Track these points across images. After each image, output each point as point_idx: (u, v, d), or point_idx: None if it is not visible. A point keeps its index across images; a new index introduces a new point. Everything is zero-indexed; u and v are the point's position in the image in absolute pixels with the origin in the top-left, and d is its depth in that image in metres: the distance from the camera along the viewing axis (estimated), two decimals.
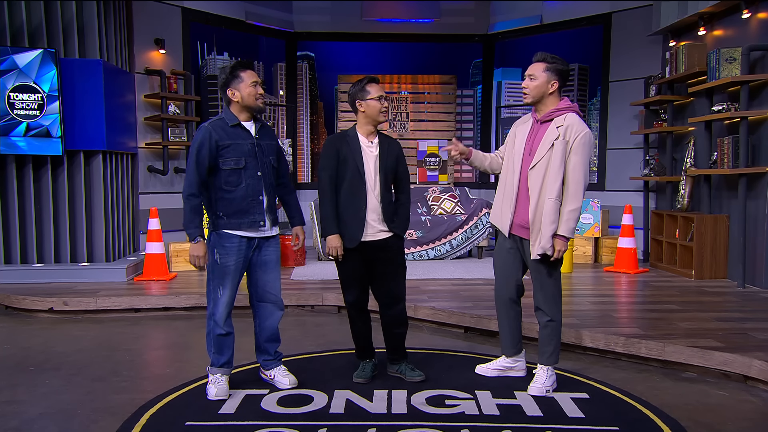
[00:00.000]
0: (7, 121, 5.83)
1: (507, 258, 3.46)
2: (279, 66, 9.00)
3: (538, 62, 3.30)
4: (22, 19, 5.99)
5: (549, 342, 3.40)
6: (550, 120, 3.27)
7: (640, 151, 7.40)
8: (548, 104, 3.28)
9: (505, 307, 3.54)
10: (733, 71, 5.67)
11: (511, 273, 3.47)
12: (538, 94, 3.27)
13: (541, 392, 3.34)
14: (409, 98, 8.96)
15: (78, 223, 6.30)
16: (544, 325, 3.40)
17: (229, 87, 3.27)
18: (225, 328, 3.30)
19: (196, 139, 3.23)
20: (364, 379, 3.52)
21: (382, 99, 3.47)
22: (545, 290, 3.36)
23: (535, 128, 3.33)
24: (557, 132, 3.21)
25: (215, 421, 3.02)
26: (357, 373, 3.56)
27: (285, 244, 7.01)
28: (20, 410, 3.19)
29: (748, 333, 4.11)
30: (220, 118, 3.30)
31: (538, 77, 3.26)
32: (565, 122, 3.22)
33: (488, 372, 3.63)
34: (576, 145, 3.18)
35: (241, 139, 3.26)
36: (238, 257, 3.28)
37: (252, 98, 3.27)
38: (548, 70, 3.25)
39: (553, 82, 3.25)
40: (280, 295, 3.47)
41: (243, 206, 3.26)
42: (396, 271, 3.50)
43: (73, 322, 5.11)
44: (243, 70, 3.27)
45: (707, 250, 6.11)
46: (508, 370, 3.63)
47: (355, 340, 3.63)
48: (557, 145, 3.18)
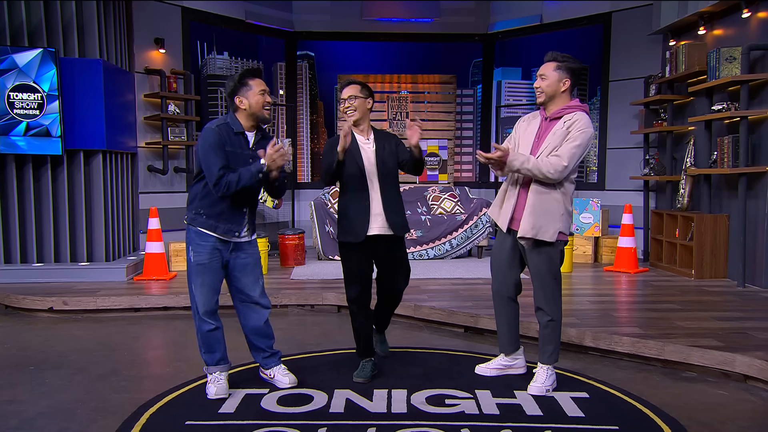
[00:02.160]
0: (7, 120, 5.83)
1: (506, 255, 3.45)
2: (279, 65, 8.99)
3: (548, 62, 3.31)
4: (21, 18, 5.99)
5: (550, 341, 3.39)
6: (558, 117, 3.27)
7: (640, 150, 7.40)
8: (558, 102, 3.28)
9: (503, 305, 3.54)
10: (733, 71, 5.66)
11: (510, 270, 3.47)
12: (551, 93, 3.27)
13: (541, 392, 3.33)
14: (409, 98, 8.95)
15: (78, 222, 6.30)
16: (545, 324, 3.40)
17: (237, 94, 3.24)
18: (211, 323, 3.28)
19: (207, 139, 3.17)
20: (364, 378, 3.53)
21: (343, 101, 3.54)
22: (546, 290, 3.36)
23: (544, 126, 3.33)
24: (564, 126, 3.22)
25: (215, 420, 3.02)
26: (357, 372, 3.57)
27: (285, 244, 7.01)
28: (20, 410, 3.18)
29: (748, 332, 4.11)
30: (225, 122, 3.25)
31: (549, 76, 3.27)
32: (572, 118, 3.22)
33: (488, 372, 3.63)
34: (574, 131, 3.18)
35: (241, 149, 3.25)
36: (212, 255, 3.25)
37: (260, 107, 3.25)
38: (559, 69, 3.26)
39: (565, 80, 3.26)
40: (261, 296, 3.41)
41: (224, 212, 3.24)
42: (400, 264, 3.65)
43: (73, 322, 5.11)
44: (251, 78, 3.25)
45: (707, 250, 6.11)
46: (508, 368, 3.63)
47: (356, 338, 3.64)
48: (558, 133, 3.21)
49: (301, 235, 7.09)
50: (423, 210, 7.87)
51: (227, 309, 3.75)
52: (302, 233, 7.13)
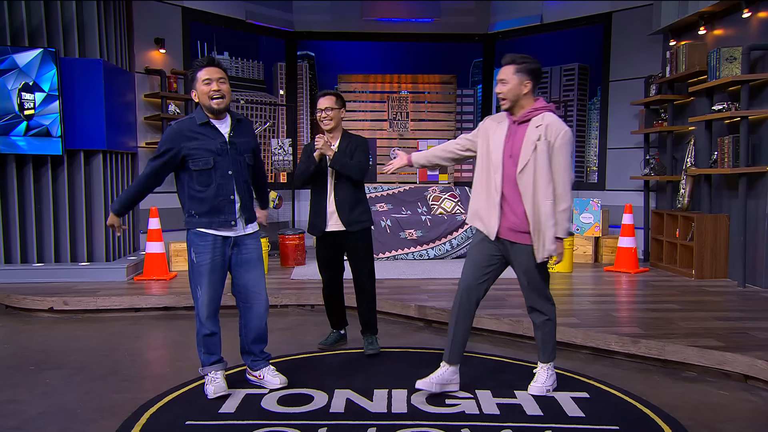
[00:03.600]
0: (8, 120, 5.83)
1: (486, 258, 3.29)
2: (279, 65, 8.99)
3: (507, 65, 3.21)
4: (22, 18, 5.99)
5: (549, 340, 3.38)
6: (527, 120, 3.19)
7: (641, 150, 7.40)
8: (524, 105, 3.20)
9: (468, 308, 3.30)
10: (734, 70, 5.66)
11: (488, 276, 3.31)
12: (514, 97, 3.18)
13: (542, 392, 3.32)
14: (409, 98, 8.96)
15: (78, 222, 6.30)
16: (542, 324, 3.37)
17: (192, 88, 3.28)
18: (210, 327, 3.28)
19: (165, 133, 3.27)
20: (323, 345, 4.19)
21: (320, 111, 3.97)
22: (539, 291, 3.30)
23: (513, 129, 3.23)
24: (537, 132, 3.14)
25: (215, 420, 3.02)
26: (322, 340, 4.24)
27: (285, 244, 7.02)
28: (20, 410, 3.18)
29: (749, 332, 4.10)
30: (190, 117, 3.28)
31: (509, 80, 3.17)
32: (543, 121, 3.15)
33: (432, 387, 3.29)
34: (558, 145, 3.12)
35: (210, 137, 3.23)
36: (214, 255, 3.25)
37: (205, 97, 3.21)
38: (519, 72, 3.17)
39: (526, 83, 3.17)
40: (265, 293, 3.42)
41: (214, 206, 3.23)
42: (360, 259, 4.02)
43: (73, 322, 5.11)
44: (199, 69, 3.23)
45: (707, 250, 6.11)
46: (448, 384, 3.33)
47: (327, 313, 4.28)
48: (540, 146, 3.11)
49: (301, 235, 7.09)
50: (423, 210, 7.87)
51: (227, 309, 3.75)
52: (302, 233, 7.13)
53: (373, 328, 4.11)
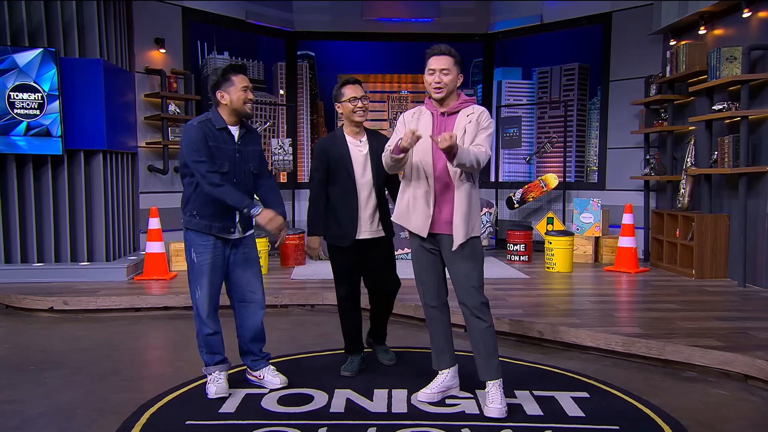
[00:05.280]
0: (7, 120, 5.83)
1: (430, 259, 3.20)
2: (279, 65, 8.99)
3: (445, 55, 3.18)
4: (22, 18, 5.99)
5: (494, 351, 3.09)
6: (456, 112, 3.15)
7: (641, 150, 7.40)
8: (453, 97, 3.18)
9: (442, 313, 3.28)
10: (734, 70, 5.66)
11: (440, 276, 3.24)
12: (452, 88, 3.15)
13: (502, 413, 3.01)
14: (409, 98, 8.96)
15: (78, 222, 6.30)
16: (483, 331, 3.09)
17: (219, 89, 3.23)
18: (211, 326, 3.29)
19: (190, 136, 3.16)
20: (351, 372, 3.60)
21: (355, 100, 3.52)
22: (479, 289, 3.10)
23: (440, 121, 3.16)
24: (468, 120, 3.10)
25: (215, 420, 3.02)
26: (345, 366, 3.64)
27: (285, 244, 7.01)
28: (20, 409, 3.18)
29: (749, 332, 4.10)
30: (207, 118, 3.25)
31: (451, 71, 3.15)
32: (475, 111, 3.13)
33: (433, 397, 3.23)
34: (485, 125, 3.09)
35: (225, 144, 3.23)
36: (214, 255, 3.26)
37: (241, 102, 3.23)
38: (457, 64, 3.17)
39: (460, 75, 3.19)
40: (260, 293, 3.42)
41: (216, 211, 3.23)
42: (388, 265, 3.67)
43: (73, 322, 5.11)
44: (235, 74, 3.23)
45: (708, 250, 6.10)
46: (450, 389, 3.29)
47: (345, 335, 3.73)
48: (469, 127, 3.07)
49: (301, 235, 7.09)
50: None
51: (227, 309, 3.74)
52: (302, 233, 7.13)
53: (384, 337, 3.96)
